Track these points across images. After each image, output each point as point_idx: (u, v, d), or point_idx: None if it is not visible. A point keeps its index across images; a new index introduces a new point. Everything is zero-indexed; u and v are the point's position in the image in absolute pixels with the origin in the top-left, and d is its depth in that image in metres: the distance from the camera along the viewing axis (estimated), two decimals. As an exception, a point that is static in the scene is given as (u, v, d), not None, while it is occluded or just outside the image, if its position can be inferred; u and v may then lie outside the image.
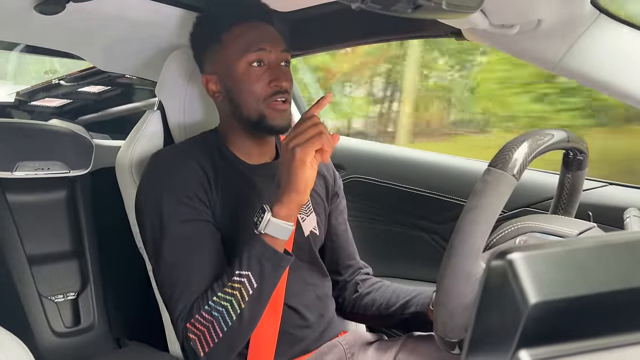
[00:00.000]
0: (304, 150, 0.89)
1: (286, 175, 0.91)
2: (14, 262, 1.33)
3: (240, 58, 1.03)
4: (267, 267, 0.91)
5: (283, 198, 0.91)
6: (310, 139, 0.90)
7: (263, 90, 1.03)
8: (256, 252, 0.91)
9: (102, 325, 1.40)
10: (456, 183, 1.48)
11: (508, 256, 0.36)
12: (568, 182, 0.94)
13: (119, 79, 2.10)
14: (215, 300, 0.90)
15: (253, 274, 0.90)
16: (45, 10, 1.09)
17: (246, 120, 1.05)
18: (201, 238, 0.98)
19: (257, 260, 0.90)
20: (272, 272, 0.91)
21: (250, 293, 0.90)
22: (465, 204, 0.70)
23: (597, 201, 1.24)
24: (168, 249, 0.97)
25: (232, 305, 0.89)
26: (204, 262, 0.96)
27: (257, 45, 1.03)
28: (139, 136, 1.22)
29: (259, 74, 1.03)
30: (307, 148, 0.89)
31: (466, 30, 1.03)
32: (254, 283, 0.90)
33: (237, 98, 1.05)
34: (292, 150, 0.90)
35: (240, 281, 0.90)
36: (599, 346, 0.36)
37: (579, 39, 0.93)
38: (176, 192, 0.99)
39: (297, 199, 0.91)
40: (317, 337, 1.09)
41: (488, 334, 0.38)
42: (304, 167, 0.89)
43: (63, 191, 1.44)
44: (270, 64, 1.04)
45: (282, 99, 1.03)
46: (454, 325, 0.70)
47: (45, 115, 2.26)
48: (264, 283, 0.91)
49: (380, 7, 0.60)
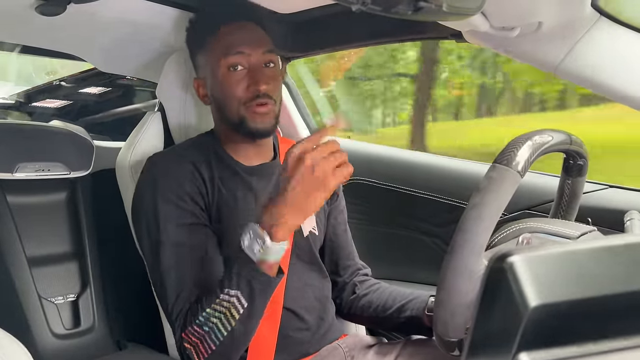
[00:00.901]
0: (336, 180, 0.80)
1: (295, 194, 0.81)
2: (14, 263, 1.32)
3: (220, 62, 1.03)
4: (257, 289, 0.85)
5: (286, 220, 0.82)
6: (339, 170, 0.81)
7: (243, 94, 1.02)
8: (246, 273, 0.85)
9: (102, 327, 1.39)
10: (457, 185, 1.48)
11: (508, 258, 0.36)
12: (568, 188, 0.94)
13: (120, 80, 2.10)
14: (204, 315, 0.87)
15: (242, 293, 0.85)
16: (46, 12, 1.09)
17: (230, 124, 1.05)
18: (197, 242, 0.98)
19: (247, 282, 0.85)
20: (262, 293, 0.86)
21: (240, 312, 0.86)
22: (469, 200, 0.70)
23: (597, 204, 1.24)
24: (164, 253, 0.97)
25: (222, 322, 0.87)
26: (199, 266, 0.96)
27: (236, 48, 1.02)
28: (140, 138, 1.22)
29: (238, 78, 1.02)
30: (338, 178, 0.80)
31: (467, 33, 1.03)
32: (243, 303, 0.86)
33: (220, 102, 1.05)
34: (322, 179, 0.80)
35: (229, 300, 0.86)
36: (599, 349, 0.36)
37: (579, 42, 0.93)
38: (172, 196, 0.98)
39: (300, 223, 0.84)
40: (317, 340, 1.09)
41: (488, 337, 0.38)
42: (326, 194, 0.81)
43: (63, 192, 1.44)
44: (251, 67, 1.03)
45: (262, 102, 1.02)
46: (454, 324, 0.70)
47: (46, 117, 2.26)
48: (254, 303, 0.86)
49: (381, 9, 0.60)
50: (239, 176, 1.07)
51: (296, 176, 0.80)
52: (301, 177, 0.80)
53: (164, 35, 1.30)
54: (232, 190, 1.05)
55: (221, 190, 1.04)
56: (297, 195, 0.81)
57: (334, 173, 0.80)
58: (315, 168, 0.79)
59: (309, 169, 0.79)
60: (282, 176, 0.83)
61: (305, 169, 0.80)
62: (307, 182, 0.80)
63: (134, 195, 1.06)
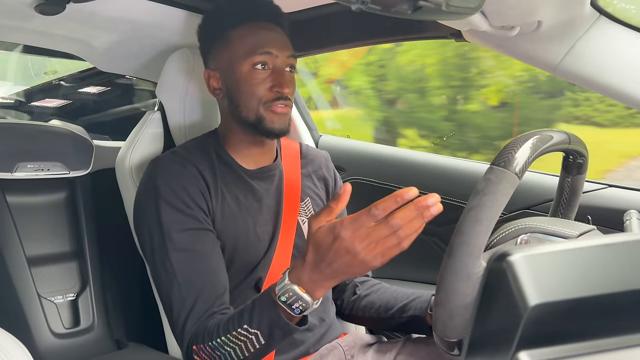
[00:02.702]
0: (383, 259, 0.72)
1: (340, 268, 0.74)
2: (14, 262, 1.33)
3: (245, 58, 1.02)
4: (277, 334, 0.84)
5: (328, 285, 0.78)
6: (388, 249, 0.71)
7: (264, 94, 1.02)
8: (269, 318, 0.82)
9: (101, 326, 1.39)
10: (456, 185, 1.48)
11: (508, 257, 0.36)
12: (567, 186, 0.94)
13: (119, 79, 2.10)
14: (219, 341, 0.87)
15: (262, 334, 0.84)
16: (45, 11, 1.09)
17: (244, 121, 1.04)
18: (201, 247, 0.97)
19: (269, 326, 0.83)
20: (282, 337, 0.85)
21: (256, 347, 0.85)
22: (467, 202, 0.70)
23: (597, 203, 1.24)
24: (168, 259, 0.96)
25: (236, 352, 0.86)
26: (204, 272, 0.95)
27: (264, 48, 1.02)
28: (139, 137, 1.22)
29: (262, 77, 1.02)
30: (385, 257, 0.72)
31: (466, 32, 1.03)
32: (261, 341, 0.85)
33: (237, 97, 1.04)
34: (365, 260, 0.72)
35: (247, 336, 0.85)
36: (599, 348, 0.36)
37: (578, 41, 0.93)
38: (176, 201, 0.97)
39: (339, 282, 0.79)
40: (317, 340, 1.09)
41: (487, 336, 0.38)
42: (366, 268, 0.73)
43: (63, 192, 1.44)
44: (275, 68, 1.03)
45: (283, 105, 1.02)
46: (453, 325, 0.70)
47: (45, 116, 2.27)
48: (271, 344, 0.85)
49: (380, 9, 0.60)
50: (243, 180, 1.06)
51: (336, 255, 0.74)
52: (336, 249, 0.73)
53: (164, 34, 1.30)
54: (236, 195, 1.04)
55: (224, 194, 1.03)
56: (339, 267, 0.74)
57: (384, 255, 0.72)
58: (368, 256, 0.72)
59: (351, 249, 0.72)
60: (317, 243, 0.76)
61: (349, 249, 0.72)
62: (346, 262, 0.73)
63: (136, 200, 1.04)
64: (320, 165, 1.22)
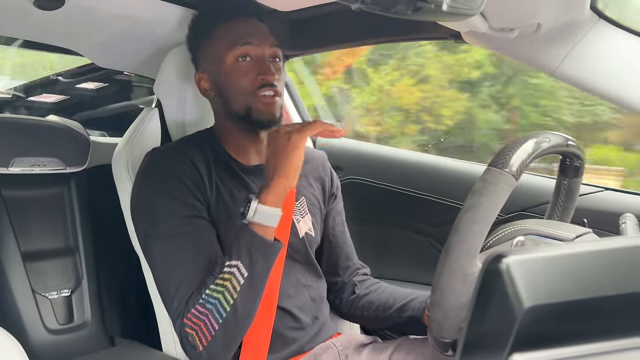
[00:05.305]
0: (300, 133, 0.91)
1: (275, 160, 0.92)
2: (8, 257, 1.32)
3: (228, 52, 1.04)
4: (257, 256, 0.90)
5: (271, 183, 0.91)
6: (307, 124, 0.93)
7: (250, 84, 1.03)
8: (245, 241, 0.90)
9: (95, 322, 1.39)
10: (453, 186, 1.48)
11: (503, 260, 0.36)
12: (564, 189, 0.94)
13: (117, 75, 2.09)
14: (207, 293, 0.90)
15: (243, 263, 0.89)
16: (44, 6, 1.08)
17: (235, 115, 1.06)
18: (196, 234, 0.98)
19: (247, 249, 0.89)
20: (262, 261, 0.91)
21: (241, 283, 0.89)
22: (464, 202, 0.70)
23: (593, 206, 1.24)
24: (163, 247, 0.97)
25: (224, 296, 0.89)
26: (199, 257, 0.96)
27: (244, 39, 1.04)
28: (136, 133, 1.22)
29: (246, 69, 1.04)
30: (303, 132, 0.92)
31: (466, 33, 1.03)
32: (244, 272, 0.89)
33: (226, 93, 1.06)
34: (287, 134, 0.92)
35: (230, 272, 0.89)
36: (592, 351, 0.36)
37: (578, 44, 0.93)
38: (170, 191, 0.98)
39: (286, 184, 0.91)
40: (310, 338, 1.09)
41: (482, 337, 0.38)
42: (297, 150, 0.91)
43: (59, 187, 1.43)
44: (258, 58, 1.05)
45: (269, 93, 1.03)
46: (448, 325, 0.70)
47: (43, 111, 2.26)
48: (254, 272, 0.90)
49: (380, 9, 0.60)
50: (238, 176, 1.07)
51: (272, 144, 0.93)
52: (275, 143, 0.92)
53: (163, 31, 1.30)
54: (231, 190, 1.04)
55: (220, 190, 1.03)
56: (276, 160, 0.92)
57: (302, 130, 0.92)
58: (291, 132, 0.92)
59: (281, 136, 0.92)
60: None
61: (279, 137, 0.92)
62: (279, 146, 0.92)
63: (132, 190, 1.05)
64: (317, 165, 1.22)
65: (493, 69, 2.66)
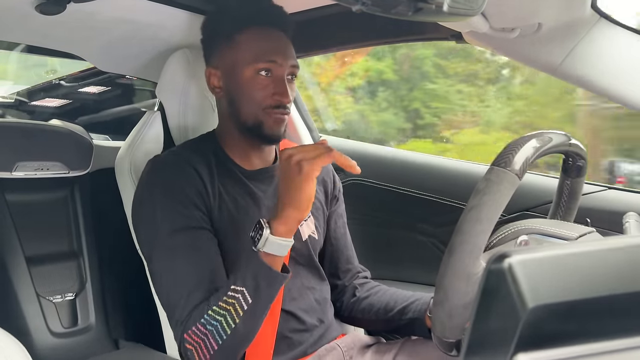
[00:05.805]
0: (312, 165, 0.86)
1: (288, 190, 0.88)
2: (13, 262, 1.32)
3: (250, 64, 1.02)
4: (263, 285, 0.88)
5: (283, 214, 0.88)
6: (320, 155, 0.86)
7: (265, 100, 1.02)
8: (252, 269, 0.88)
9: (100, 325, 1.39)
10: (455, 186, 1.48)
11: (507, 259, 0.36)
12: (567, 189, 0.94)
13: (119, 79, 2.10)
14: (210, 314, 0.89)
15: (248, 290, 0.88)
16: (46, 10, 1.09)
17: (242, 124, 1.05)
18: (198, 245, 0.97)
19: (253, 277, 0.88)
20: (268, 290, 0.89)
21: (245, 309, 0.88)
22: (467, 202, 0.70)
23: (597, 205, 1.24)
24: (165, 256, 0.96)
25: (226, 320, 0.88)
26: (200, 269, 0.95)
27: (270, 56, 1.02)
28: (139, 137, 1.22)
29: (264, 84, 1.02)
30: (316, 163, 0.86)
31: (467, 34, 1.03)
32: (248, 299, 0.88)
33: (237, 100, 1.04)
34: (298, 165, 0.86)
35: (234, 297, 0.88)
36: (597, 350, 0.36)
37: (579, 43, 0.93)
38: (173, 200, 0.98)
39: (298, 217, 0.89)
40: (315, 340, 1.09)
41: (486, 337, 0.38)
42: (309, 182, 0.86)
43: (62, 191, 1.44)
44: (278, 76, 1.03)
45: (282, 113, 1.03)
46: (452, 325, 0.70)
47: (45, 115, 2.26)
48: (259, 300, 0.88)
49: (381, 10, 0.60)
50: (241, 181, 1.06)
51: (284, 172, 0.88)
52: (289, 172, 0.87)
53: (165, 34, 1.30)
54: (233, 196, 1.04)
55: (222, 196, 1.03)
56: (288, 188, 0.87)
57: (313, 161, 0.86)
58: (302, 163, 0.86)
59: (291, 166, 0.86)
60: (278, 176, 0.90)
61: (291, 164, 0.86)
62: (291, 176, 0.86)
63: (134, 199, 1.05)
64: None
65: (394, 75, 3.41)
